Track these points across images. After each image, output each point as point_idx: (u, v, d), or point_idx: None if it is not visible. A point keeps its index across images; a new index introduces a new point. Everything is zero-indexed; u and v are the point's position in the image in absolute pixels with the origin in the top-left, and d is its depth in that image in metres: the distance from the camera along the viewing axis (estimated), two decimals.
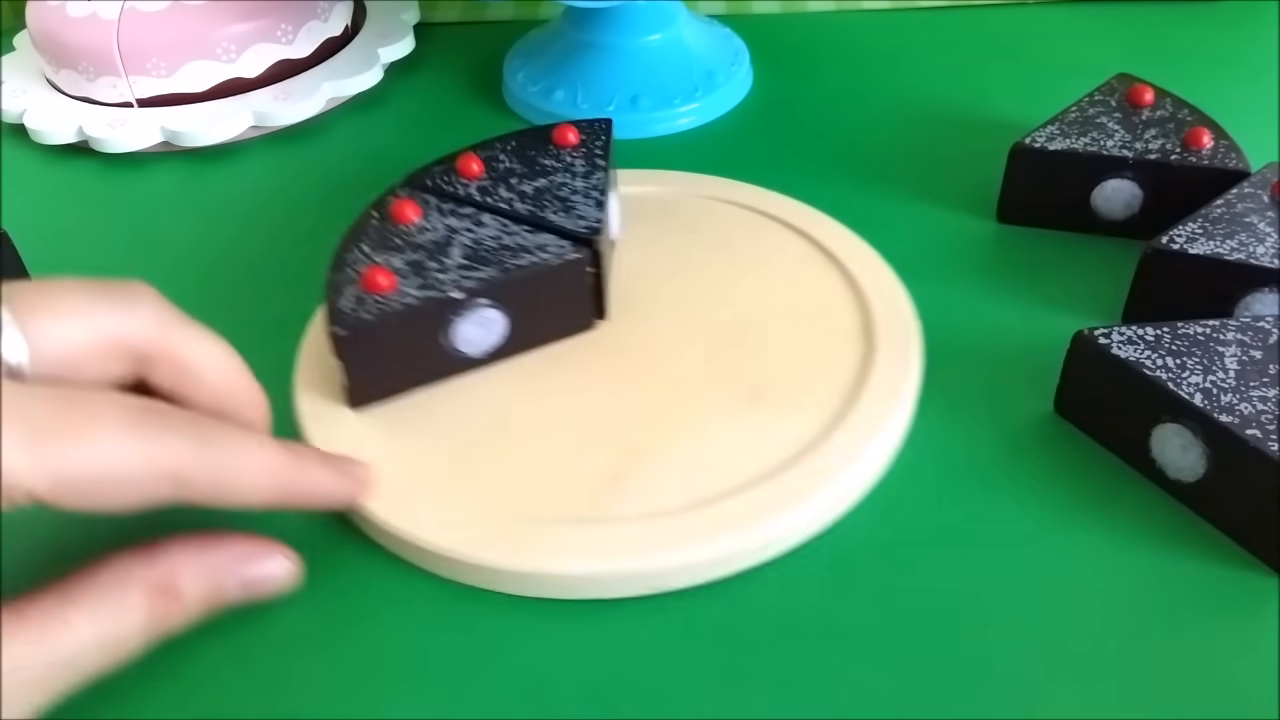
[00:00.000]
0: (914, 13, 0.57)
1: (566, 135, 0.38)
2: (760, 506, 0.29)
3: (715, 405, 0.32)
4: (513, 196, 0.35)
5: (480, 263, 0.32)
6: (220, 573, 0.26)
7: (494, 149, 0.38)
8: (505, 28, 0.57)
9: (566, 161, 0.37)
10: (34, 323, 0.24)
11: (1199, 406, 0.28)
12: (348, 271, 0.32)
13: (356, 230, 0.34)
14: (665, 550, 0.28)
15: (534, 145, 0.38)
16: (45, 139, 0.48)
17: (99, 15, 0.48)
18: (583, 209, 0.35)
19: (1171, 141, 0.38)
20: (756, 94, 0.51)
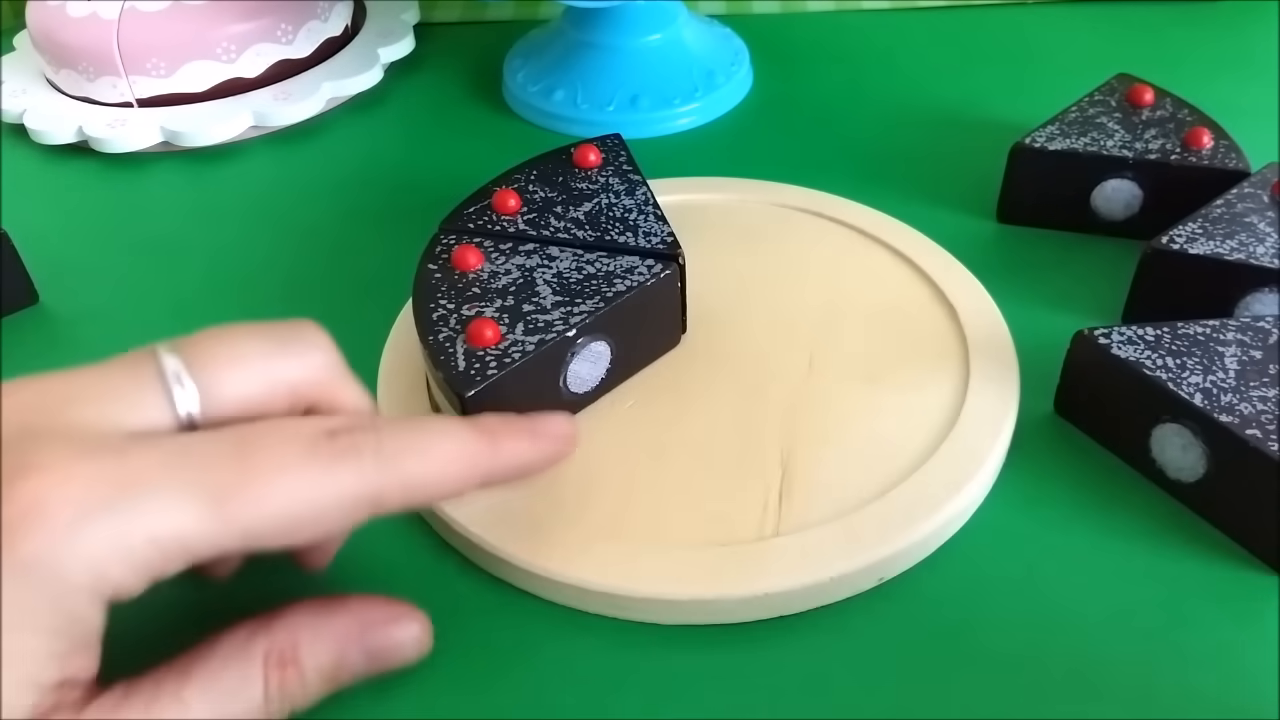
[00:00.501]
0: (914, 13, 0.57)
1: (587, 156, 0.37)
2: (931, 488, 0.29)
3: (840, 397, 0.32)
4: (568, 225, 0.34)
5: (577, 296, 0.31)
6: (343, 641, 0.24)
7: (519, 181, 0.37)
8: (505, 28, 0.57)
9: (601, 182, 0.36)
10: (208, 374, 0.23)
11: (1199, 406, 0.28)
12: (443, 331, 0.30)
13: (424, 286, 0.32)
14: (870, 544, 0.28)
15: (558, 170, 0.37)
16: (45, 139, 0.48)
17: (99, 15, 0.48)
18: (647, 225, 0.34)
19: (1171, 141, 0.38)
20: (756, 94, 0.51)
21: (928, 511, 0.28)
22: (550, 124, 0.49)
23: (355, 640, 0.24)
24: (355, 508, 0.22)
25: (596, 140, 0.38)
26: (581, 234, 0.34)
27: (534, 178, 0.37)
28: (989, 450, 0.30)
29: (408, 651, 0.25)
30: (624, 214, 0.34)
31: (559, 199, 0.35)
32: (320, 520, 0.22)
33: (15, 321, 0.39)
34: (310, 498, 0.22)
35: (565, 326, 0.30)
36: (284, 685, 0.23)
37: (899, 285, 0.37)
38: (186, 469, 0.21)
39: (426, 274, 0.32)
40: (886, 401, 0.32)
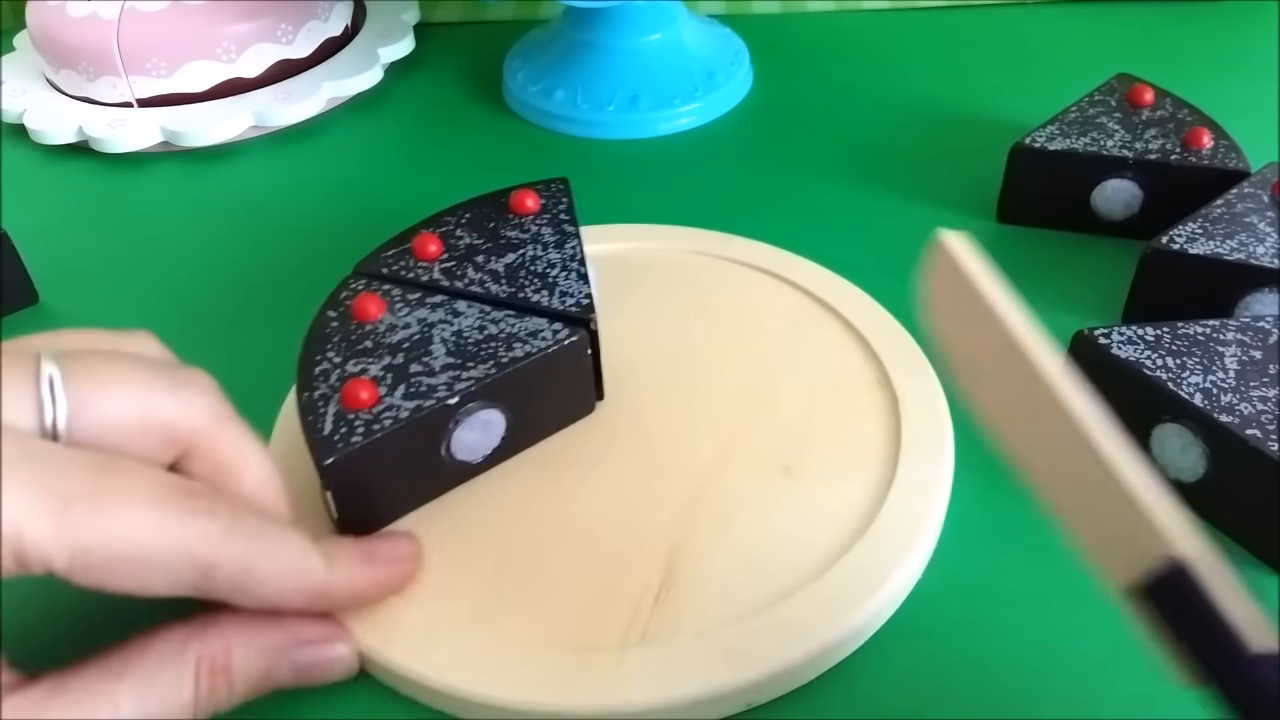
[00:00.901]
0: (914, 13, 0.57)
1: (525, 202, 0.34)
2: (829, 599, 0.26)
3: (749, 487, 0.29)
4: (484, 277, 0.32)
5: (470, 359, 0.29)
6: (275, 654, 0.24)
7: (448, 224, 0.34)
8: (505, 28, 0.57)
9: (532, 231, 0.34)
10: (84, 391, 0.23)
11: (1199, 406, 0.28)
12: (320, 388, 0.28)
13: (317, 335, 0.30)
14: (738, 664, 0.25)
15: (491, 215, 0.34)
16: (45, 139, 0.48)
17: (99, 15, 0.48)
18: (566, 284, 0.31)
19: (1171, 141, 0.38)
20: (756, 94, 0.51)
21: (817, 628, 0.25)
22: (550, 124, 0.49)
23: (286, 654, 0.25)
24: (186, 569, 0.22)
25: (541, 184, 0.36)
26: (495, 288, 0.31)
27: (464, 222, 0.34)
28: (899, 560, 0.27)
29: (335, 670, 0.26)
30: (546, 269, 0.32)
31: (483, 247, 0.33)
32: (149, 566, 0.22)
33: (15, 321, 0.39)
34: (150, 537, 0.21)
35: (448, 393, 0.28)
36: (213, 690, 0.23)
37: (842, 362, 0.33)
38: (40, 468, 0.21)
39: (323, 321, 0.30)
40: (800, 497, 0.29)
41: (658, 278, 0.37)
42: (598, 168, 0.46)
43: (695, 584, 0.27)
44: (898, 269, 0.39)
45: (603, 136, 0.48)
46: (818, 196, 0.43)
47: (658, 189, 0.44)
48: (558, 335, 0.30)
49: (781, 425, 0.31)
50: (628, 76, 0.49)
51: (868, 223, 0.42)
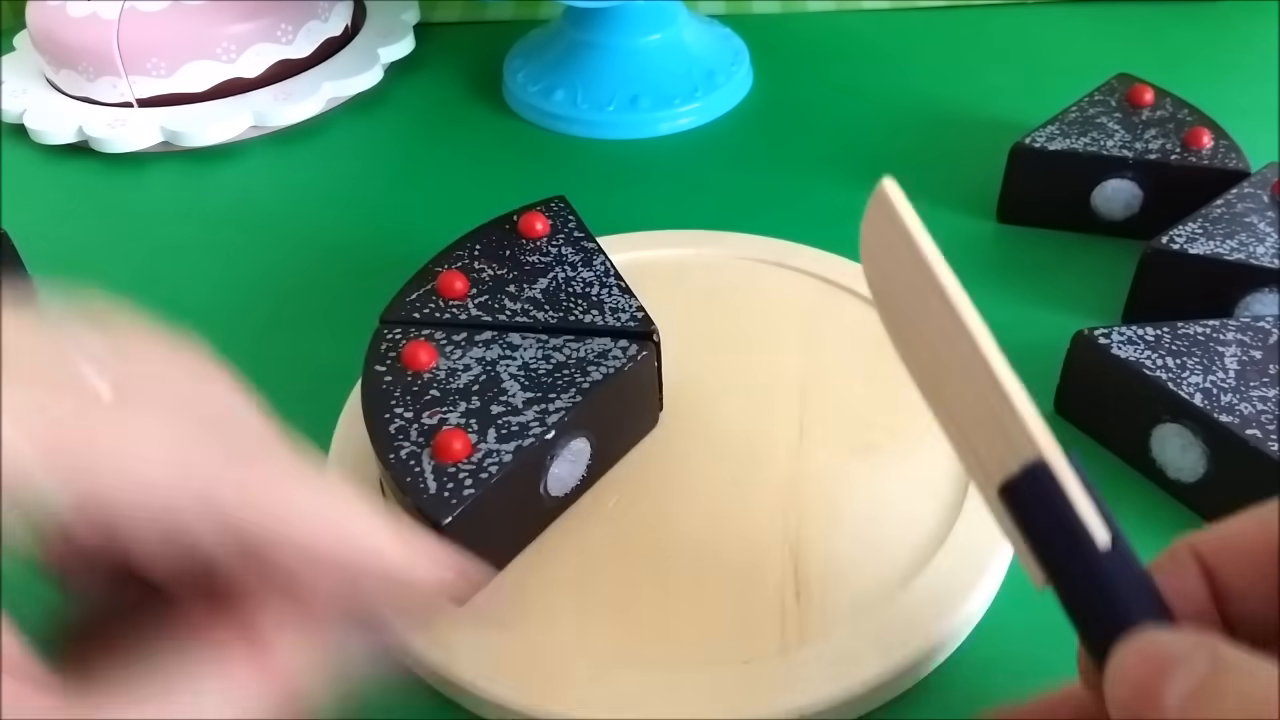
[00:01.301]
0: (914, 13, 0.57)
1: (534, 225, 0.34)
2: (957, 569, 0.26)
3: (840, 470, 0.29)
4: (526, 306, 0.31)
5: (550, 390, 0.28)
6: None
7: (463, 257, 0.33)
8: (505, 28, 0.57)
9: (553, 253, 0.33)
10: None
11: (1199, 406, 0.28)
12: (405, 446, 0.27)
13: (375, 393, 0.28)
14: (904, 641, 0.25)
15: (503, 242, 0.34)
16: (45, 139, 0.48)
17: (99, 15, 0.48)
18: (612, 300, 0.31)
19: (1171, 141, 0.38)
20: (756, 94, 0.51)
21: (962, 594, 0.26)
22: (550, 124, 0.49)
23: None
24: (184, 494, 0.19)
25: (540, 205, 0.35)
26: (542, 315, 0.31)
27: (478, 253, 0.33)
28: None
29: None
30: (584, 288, 0.31)
31: (510, 276, 0.32)
32: (144, 489, 0.19)
33: None
34: (147, 456, 0.19)
35: (543, 428, 0.27)
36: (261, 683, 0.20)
37: (876, 338, 0.34)
38: (21, 390, 0.19)
39: (374, 377, 0.29)
40: (891, 471, 0.29)
41: (674, 282, 0.37)
42: (598, 168, 0.46)
43: (827, 576, 0.27)
44: None
45: (603, 136, 0.48)
46: (817, 196, 0.43)
47: (658, 189, 0.44)
48: (627, 351, 0.29)
49: (845, 404, 0.32)
50: (628, 76, 0.49)
51: None
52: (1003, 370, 0.21)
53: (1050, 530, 0.20)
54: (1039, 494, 0.20)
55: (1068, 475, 0.19)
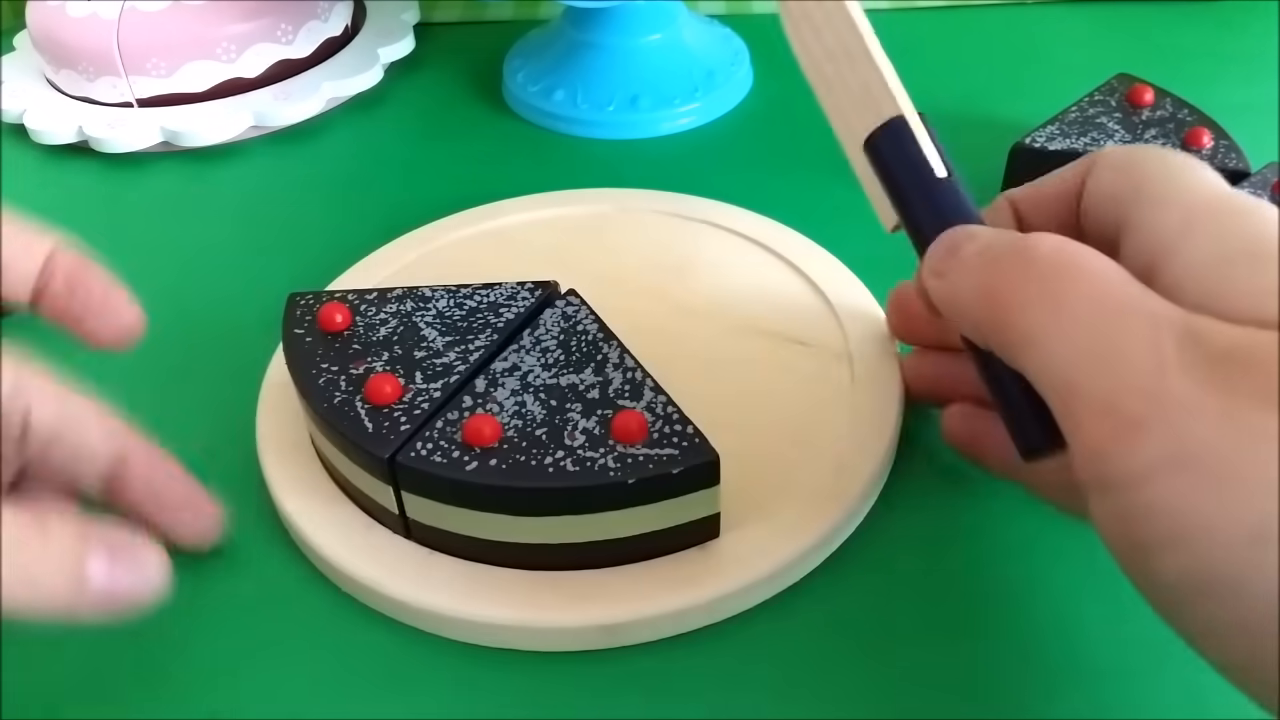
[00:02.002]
0: (914, 13, 0.57)
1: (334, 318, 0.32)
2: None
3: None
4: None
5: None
6: (83, 542, 0.22)
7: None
8: (505, 28, 0.57)
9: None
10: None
11: None
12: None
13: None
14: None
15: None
16: (45, 139, 0.48)
17: (99, 15, 0.48)
18: (509, 288, 0.32)
19: (1171, 141, 0.38)
20: (756, 94, 0.51)
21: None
22: (550, 124, 0.49)
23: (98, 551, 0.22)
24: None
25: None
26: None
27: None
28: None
29: (146, 587, 0.23)
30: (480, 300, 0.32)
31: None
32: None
33: (16, 322, 0.39)
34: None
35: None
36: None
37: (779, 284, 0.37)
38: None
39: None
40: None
41: (612, 236, 0.39)
42: (598, 168, 0.46)
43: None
44: (897, 268, 0.39)
45: (603, 136, 0.48)
46: (818, 196, 0.43)
47: (658, 189, 0.44)
48: (535, 293, 0.31)
49: (751, 315, 0.35)
50: (628, 76, 0.49)
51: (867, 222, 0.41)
52: (875, 50, 0.28)
53: (900, 167, 0.26)
54: (893, 141, 0.26)
55: (918, 126, 0.26)
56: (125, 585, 0.22)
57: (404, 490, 0.27)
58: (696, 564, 0.27)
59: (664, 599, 0.27)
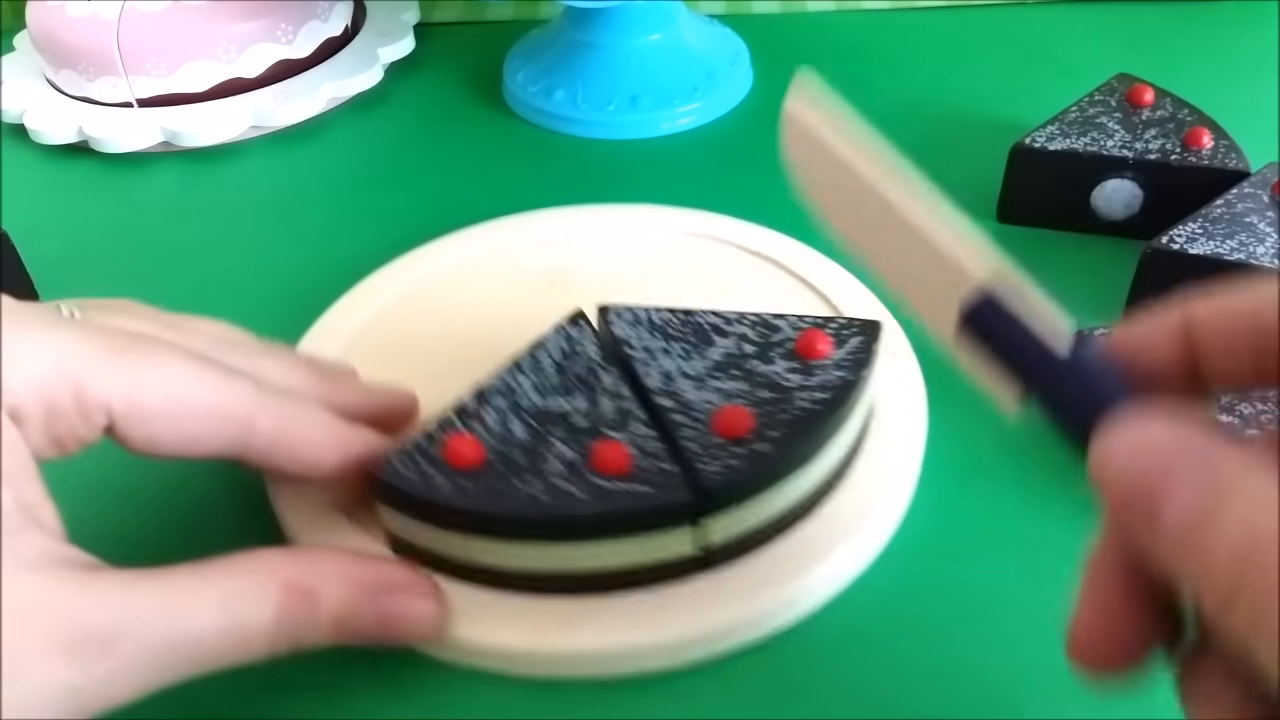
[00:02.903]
0: (914, 13, 0.57)
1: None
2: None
3: None
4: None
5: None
6: (362, 590, 0.24)
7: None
8: (505, 28, 0.57)
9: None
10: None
11: None
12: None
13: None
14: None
15: None
16: (45, 139, 0.48)
17: (99, 15, 0.48)
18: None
19: (1171, 141, 0.38)
20: (756, 94, 0.51)
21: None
22: (550, 124, 0.49)
23: (374, 595, 0.24)
24: (230, 420, 0.24)
25: None
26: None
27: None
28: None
29: (420, 626, 0.25)
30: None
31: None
32: (197, 415, 0.24)
33: None
34: (196, 389, 0.23)
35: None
36: (297, 614, 0.22)
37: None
38: (87, 329, 0.23)
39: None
40: None
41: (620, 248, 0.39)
42: (598, 168, 0.46)
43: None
44: None
45: (603, 136, 0.48)
46: None
47: (658, 189, 0.44)
48: (574, 322, 0.31)
49: None
50: (628, 76, 0.49)
51: None
52: (931, 225, 0.23)
53: (1012, 352, 0.20)
54: (993, 321, 0.21)
55: (1019, 296, 0.21)
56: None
57: (381, 505, 0.27)
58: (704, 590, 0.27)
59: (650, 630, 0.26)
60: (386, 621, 0.24)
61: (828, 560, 0.27)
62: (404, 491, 0.26)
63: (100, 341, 0.23)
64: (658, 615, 0.26)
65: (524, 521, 0.25)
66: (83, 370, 0.22)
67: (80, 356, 0.22)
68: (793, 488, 0.27)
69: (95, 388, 0.22)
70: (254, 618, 0.22)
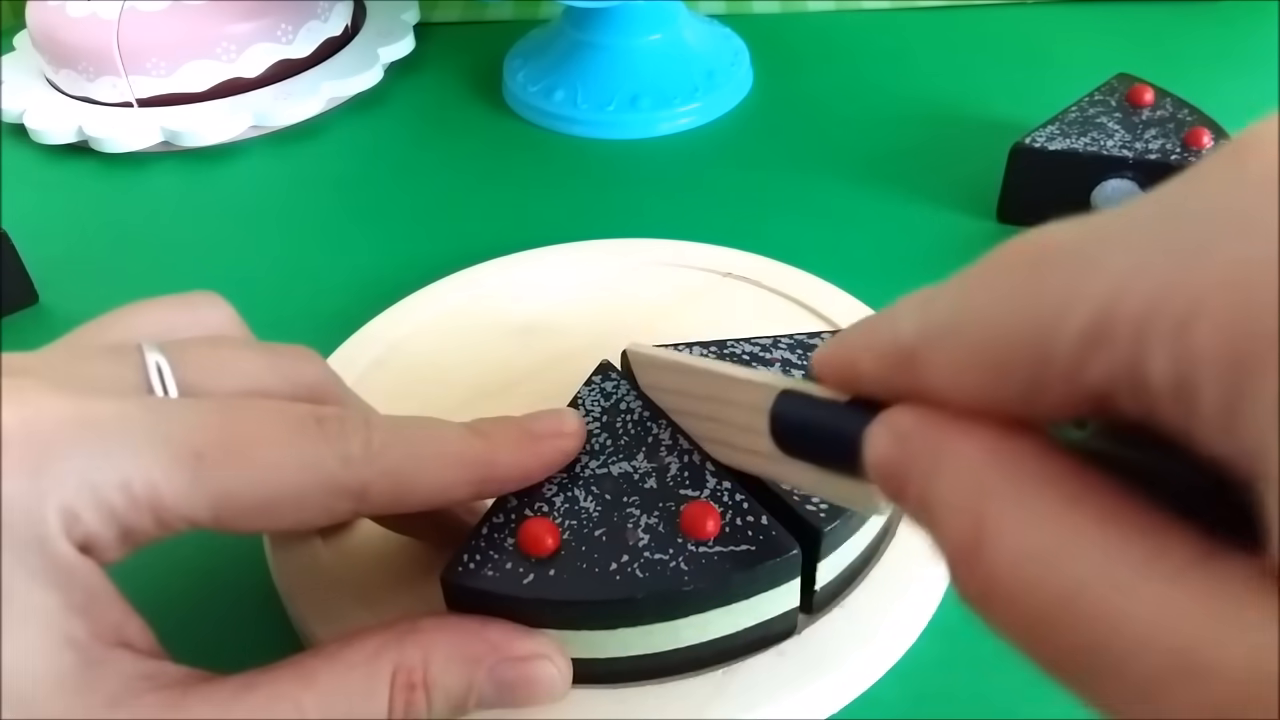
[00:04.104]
0: (914, 13, 0.57)
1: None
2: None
3: None
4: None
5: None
6: (476, 666, 0.22)
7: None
8: (505, 28, 0.57)
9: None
10: (194, 376, 0.22)
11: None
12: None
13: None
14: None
15: None
16: (45, 139, 0.48)
17: (99, 15, 0.48)
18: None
19: (1171, 141, 0.38)
20: (756, 94, 0.51)
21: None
22: (550, 124, 0.49)
23: (490, 668, 0.22)
24: (337, 495, 0.21)
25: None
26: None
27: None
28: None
29: (542, 690, 0.23)
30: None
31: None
32: (299, 503, 0.21)
33: (15, 321, 0.39)
34: (292, 474, 0.20)
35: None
36: (410, 706, 0.21)
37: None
38: (167, 422, 0.20)
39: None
40: None
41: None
42: (598, 168, 0.46)
43: None
44: (897, 268, 0.39)
45: (603, 136, 0.48)
46: (818, 196, 0.43)
47: (658, 189, 0.44)
48: (606, 374, 0.28)
49: None
50: (628, 76, 0.49)
51: (868, 222, 0.41)
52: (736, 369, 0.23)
53: (820, 438, 0.19)
54: (797, 415, 0.20)
55: (812, 388, 0.20)
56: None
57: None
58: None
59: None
60: (506, 691, 0.23)
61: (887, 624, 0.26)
62: (482, 591, 0.23)
63: (178, 447, 0.20)
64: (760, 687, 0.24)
65: (625, 602, 0.23)
66: (162, 494, 0.19)
67: (158, 479, 0.19)
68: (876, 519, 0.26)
69: (177, 508, 0.20)
70: (363, 717, 0.21)
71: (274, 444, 0.20)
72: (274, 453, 0.20)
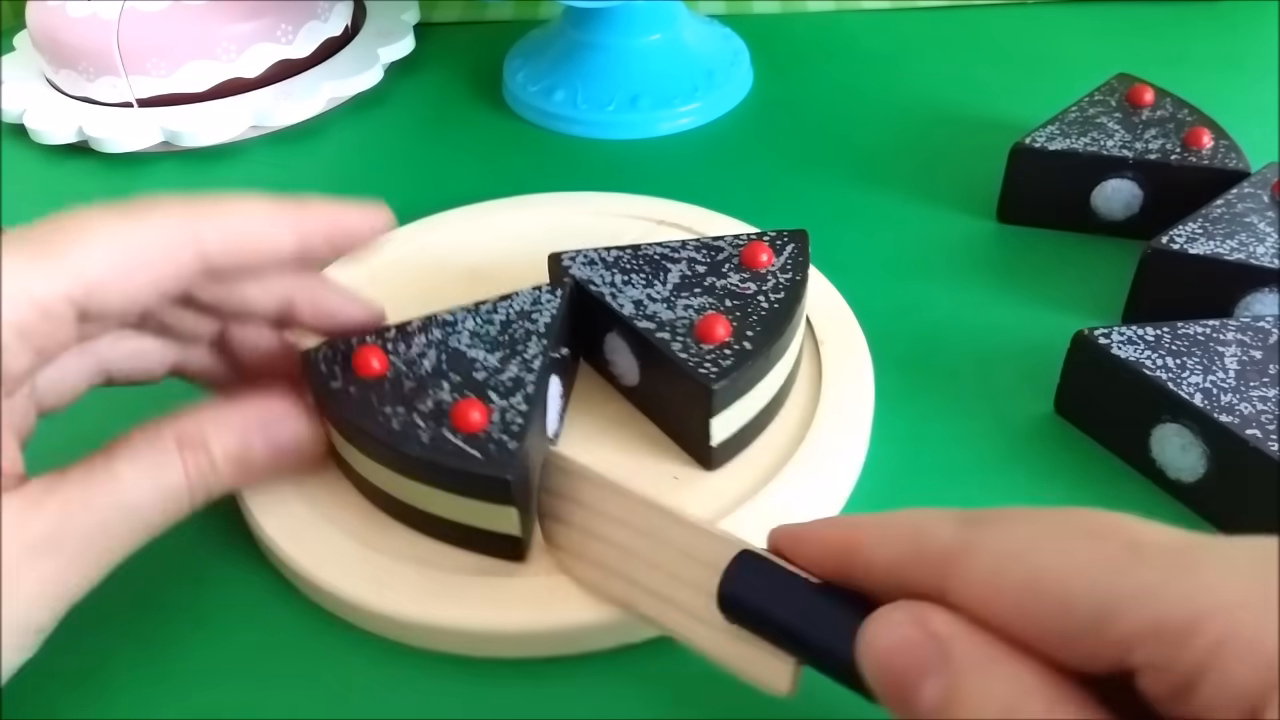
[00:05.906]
0: (914, 13, 0.57)
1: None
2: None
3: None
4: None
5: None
6: (245, 430, 0.26)
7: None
8: (505, 28, 0.57)
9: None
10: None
11: (1199, 406, 0.28)
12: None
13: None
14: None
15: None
16: (45, 139, 0.48)
17: (99, 15, 0.48)
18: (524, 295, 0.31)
19: (1171, 141, 0.38)
20: (756, 94, 0.51)
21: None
22: (550, 124, 0.49)
23: (257, 430, 0.27)
24: (178, 248, 0.24)
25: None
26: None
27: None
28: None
29: (302, 446, 0.28)
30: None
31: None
32: (149, 262, 0.24)
33: None
34: (132, 239, 0.23)
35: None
36: (198, 467, 0.25)
37: None
38: (8, 237, 0.23)
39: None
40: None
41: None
42: (598, 168, 0.46)
43: None
44: (898, 268, 0.39)
45: (603, 136, 0.48)
46: (818, 196, 0.43)
47: (657, 189, 0.44)
48: (555, 294, 0.31)
49: None
50: (628, 76, 0.49)
51: (868, 222, 0.41)
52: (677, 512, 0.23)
53: (775, 597, 0.20)
54: (761, 577, 0.21)
55: (766, 558, 0.21)
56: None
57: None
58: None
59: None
60: (274, 451, 0.27)
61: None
62: (312, 381, 0.28)
63: (27, 246, 0.23)
64: None
65: (371, 441, 0.27)
66: (33, 292, 0.22)
67: (21, 278, 0.22)
68: (770, 384, 0.30)
69: (49, 300, 0.22)
70: (168, 477, 0.25)
71: (106, 219, 0.24)
72: (109, 223, 0.24)
